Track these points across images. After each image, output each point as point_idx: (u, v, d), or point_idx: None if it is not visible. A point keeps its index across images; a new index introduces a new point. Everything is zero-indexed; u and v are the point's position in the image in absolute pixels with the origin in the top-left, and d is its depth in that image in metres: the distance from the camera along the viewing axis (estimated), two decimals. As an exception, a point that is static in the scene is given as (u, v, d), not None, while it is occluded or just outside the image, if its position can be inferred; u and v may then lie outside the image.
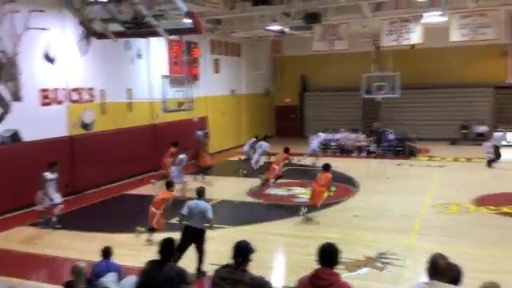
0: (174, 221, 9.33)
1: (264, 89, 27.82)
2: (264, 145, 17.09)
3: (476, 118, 23.87)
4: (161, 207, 9.79)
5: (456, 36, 17.29)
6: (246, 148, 18.39)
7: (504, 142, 18.18)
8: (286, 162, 14.97)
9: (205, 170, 16.48)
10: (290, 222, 11.51)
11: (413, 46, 20.00)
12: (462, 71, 23.93)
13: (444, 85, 24.42)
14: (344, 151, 21.74)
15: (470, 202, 12.60)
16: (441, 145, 22.86)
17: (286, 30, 21.71)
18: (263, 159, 16.96)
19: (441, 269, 3.76)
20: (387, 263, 8.54)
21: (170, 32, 10.24)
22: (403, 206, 12.62)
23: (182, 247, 7.55)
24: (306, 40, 21.38)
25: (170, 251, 4.74)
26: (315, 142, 19.85)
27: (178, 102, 16.81)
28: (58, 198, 11.21)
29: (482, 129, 23.13)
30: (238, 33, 22.28)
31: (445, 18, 18.25)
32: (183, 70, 19.00)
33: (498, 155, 17.61)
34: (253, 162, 16.77)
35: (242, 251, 4.23)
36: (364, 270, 8.28)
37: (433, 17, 18.24)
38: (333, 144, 22.06)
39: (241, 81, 25.27)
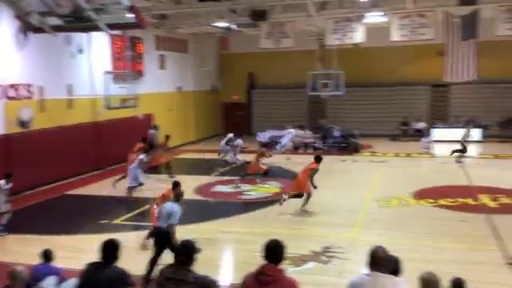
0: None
1: (211, 86, 27.68)
2: (239, 141, 17.56)
3: (415, 114, 24.89)
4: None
5: (396, 36, 17.93)
6: (222, 144, 18.34)
7: (468, 138, 18.78)
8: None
9: (168, 169, 16.19)
10: (237, 219, 11.54)
11: (356, 44, 20.53)
12: (402, 70, 24.91)
13: (385, 83, 25.31)
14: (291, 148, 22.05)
15: (410, 196, 13.12)
16: (382, 141, 23.69)
17: (233, 26, 21.71)
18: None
19: (380, 260, 3.89)
20: (332, 257, 8.74)
21: (112, 27, 9.95)
22: (348, 200, 12.97)
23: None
24: (253, 37, 21.46)
25: (112, 253, 4.60)
26: (286, 137, 20.02)
27: (121, 99, 16.38)
28: (6, 206, 10.63)
29: (420, 125, 24.17)
30: (185, 29, 22.00)
31: (386, 19, 18.92)
32: (127, 65, 18.52)
33: (464, 149, 18.27)
34: (229, 159, 17.49)
35: (186, 250, 4.18)
36: (310, 265, 8.43)
37: (375, 17, 18.85)
38: (280, 141, 22.32)
39: (188, 77, 25.00)
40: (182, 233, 7.73)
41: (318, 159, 11.88)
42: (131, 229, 10.76)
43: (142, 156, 13.68)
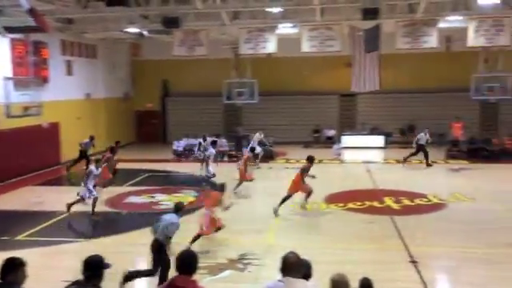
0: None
1: (123, 93, 26.80)
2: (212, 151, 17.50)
3: (326, 122, 25.98)
4: (211, 208, 9.88)
5: (306, 47, 18.62)
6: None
7: (423, 142, 19.51)
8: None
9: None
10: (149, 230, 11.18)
11: (269, 54, 21.02)
12: (313, 80, 25.88)
13: (298, 92, 26.13)
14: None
15: (322, 201, 13.60)
16: (296, 148, 24.38)
17: (145, 32, 21.23)
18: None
19: (292, 265, 3.96)
20: (248, 264, 8.79)
21: (12, 30, 9.25)
22: (263, 207, 13.11)
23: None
24: (167, 44, 21.15)
25: (13, 273, 4.21)
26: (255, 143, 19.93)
27: (23, 107, 15.30)
28: None
29: (331, 133, 25.28)
30: (93, 34, 21.12)
31: (296, 30, 19.59)
32: (30, 71, 17.34)
33: (425, 154, 19.16)
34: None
35: (93, 266, 3.96)
36: (226, 273, 8.41)
37: (286, 28, 19.44)
38: (195, 150, 22.10)
39: (98, 84, 23.98)
40: (90, 247, 7.35)
41: (310, 159, 12.69)
42: (36, 245, 10.02)
43: (92, 167, 12.74)
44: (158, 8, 17.02)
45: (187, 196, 14.48)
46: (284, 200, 12.16)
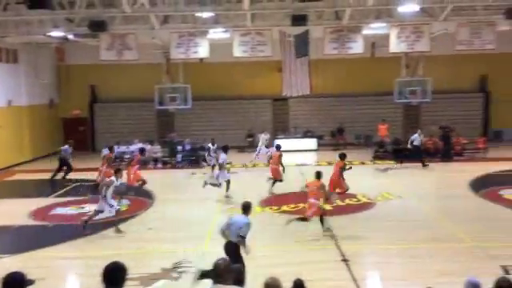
0: None
1: (48, 99, 25.52)
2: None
3: (260, 127, 26.21)
4: (320, 197, 10.56)
5: (238, 52, 18.74)
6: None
7: (417, 143, 19.89)
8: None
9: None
10: (80, 242, 10.71)
11: (201, 59, 20.92)
12: (247, 84, 26.06)
13: (232, 97, 26.21)
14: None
15: (257, 204, 13.66)
16: (230, 152, 24.33)
17: (70, 36, 20.36)
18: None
19: (222, 272, 3.94)
20: (183, 272, 8.65)
21: None
22: (198, 213, 13.00)
23: None
24: (94, 48, 20.40)
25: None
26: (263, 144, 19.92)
27: None
28: None
29: (266, 137, 25.52)
30: (14, 37, 19.95)
31: (228, 35, 19.66)
32: None
33: (420, 155, 19.48)
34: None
35: (13, 284, 3.70)
36: (160, 283, 8.22)
37: (217, 33, 19.44)
38: (127, 157, 21.48)
39: (20, 90, 22.65)
40: (12, 263, 6.90)
41: (343, 156, 13.21)
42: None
43: (113, 178, 11.47)
44: (84, 11, 16.41)
45: (120, 205, 14.00)
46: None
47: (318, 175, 11.05)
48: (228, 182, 14.66)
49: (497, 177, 17.21)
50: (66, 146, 18.05)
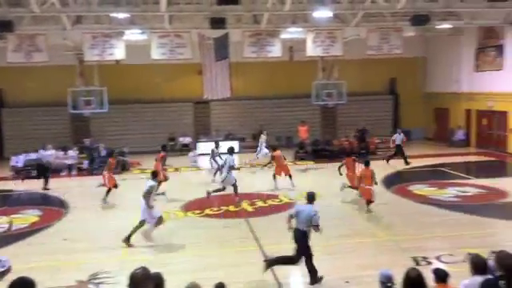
0: None
1: None
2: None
3: (181, 130, 25.90)
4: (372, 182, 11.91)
5: (156, 54, 18.37)
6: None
7: (399, 142, 20.04)
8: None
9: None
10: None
11: (118, 61, 20.22)
12: (167, 87, 25.60)
13: (152, 100, 25.61)
14: (52, 171, 20.16)
15: (179, 209, 13.48)
16: (151, 157, 23.72)
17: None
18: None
19: (138, 281, 3.80)
20: (100, 283, 8.27)
21: None
22: (117, 222, 12.49)
23: None
24: (0, 50, 18.99)
25: None
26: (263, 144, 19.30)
27: None
28: None
29: (187, 140, 25.28)
30: None
31: (145, 37, 19.20)
32: None
33: (402, 153, 19.75)
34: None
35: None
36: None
37: (134, 35, 18.92)
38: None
39: None
40: None
41: (367, 163, 12.97)
42: None
43: (152, 182, 10.69)
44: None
45: (29, 216, 13.13)
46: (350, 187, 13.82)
47: (367, 163, 12.83)
48: (235, 185, 14.08)
49: (406, 173, 18.35)
50: (50, 149, 17.06)
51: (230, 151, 14.49)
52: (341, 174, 14.84)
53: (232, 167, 14.12)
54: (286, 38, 21.16)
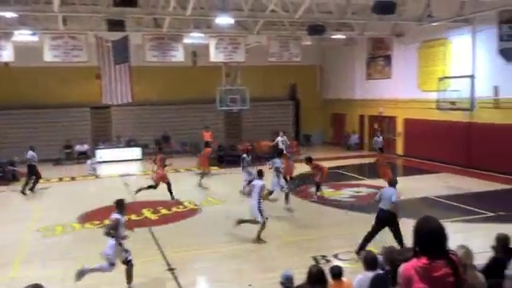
0: None
1: None
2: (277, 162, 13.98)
3: (78, 137, 24.54)
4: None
5: (49, 56, 17.26)
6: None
7: (379, 145, 20.01)
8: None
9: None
10: None
11: (6, 63, 18.68)
12: (63, 91, 24.16)
13: (45, 105, 23.99)
14: None
15: (75, 221, 12.73)
16: (45, 166, 22.23)
17: None
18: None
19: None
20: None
21: None
22: (3, 235, 11.48)
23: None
24: None
25: None
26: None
27: None
28: None
29: (84, 147, 24.03)
30: None
31: (36, 38, 17.95)
32: None
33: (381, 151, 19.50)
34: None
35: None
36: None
37: (24, 35, 17.61)
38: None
39: None
40: None
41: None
42: None
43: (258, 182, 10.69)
44: None
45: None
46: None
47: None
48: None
49: (307, 176, 19.07)
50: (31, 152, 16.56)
51: (279, 155, 14.67)
52: None
53: (277, 169, 13.73)
54: (189, 42, 21.04)
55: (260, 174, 11.08)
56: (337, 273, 5.48)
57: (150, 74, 24.62)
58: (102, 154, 23.78)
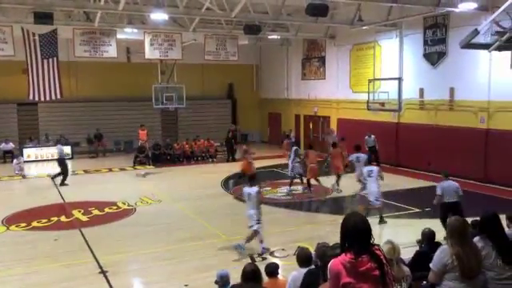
0: None
1: None
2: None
3: (3, 135, 23.14)
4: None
5: (-31, 49, 16.11)
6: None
7: (371, 144, 18.91)
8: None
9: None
10: None
11: None
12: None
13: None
14: None
15: (0, 224, 12.03)
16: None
17: None
18: None
19: None
20: None
21: None
22: None
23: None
24: None
25: None
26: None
27: None
28: None
29: (9, 146, 22.70)
30: None
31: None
32: None
33: (376, 158, 17.82)
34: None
35: None
36: None
37: None
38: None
39: None
40: None
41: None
42: None
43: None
44: None
45: None
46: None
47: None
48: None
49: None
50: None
51: (357, 148, 14.46)
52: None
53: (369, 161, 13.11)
54: (123, 38, 20.44)
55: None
56: (271, 270, 5.56)
57: (82, 70, 23.71)
58: (30, 152, 22.60)
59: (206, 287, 7.60)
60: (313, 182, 15.00)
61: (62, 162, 17.18)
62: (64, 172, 17.01)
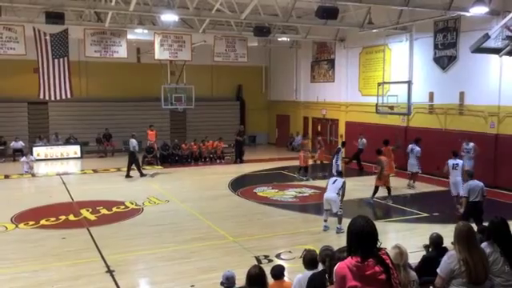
0: None
1: None
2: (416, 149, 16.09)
3: (13, 133, 23.35)
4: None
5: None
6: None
7: (361, 146, 20.14)
8: None
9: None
10: None
11: None
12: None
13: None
14: None
15: (9, 221, 12.13)
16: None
17: None
18: None
19: None
20: None
21: None
22: None
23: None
24: None
25: None
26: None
27: None
28: None
29: (19, 144, 22.90)
30: None
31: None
32: None
33: (358, 157, 20.16)
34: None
35: None
36: None
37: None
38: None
39: None
40: None
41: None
42: None
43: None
44: None
45: None
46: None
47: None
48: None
49: (252, 177, 19.24)
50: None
51: (417, 141, 16.24)
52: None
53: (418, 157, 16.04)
54: (133, 38, 20.57)
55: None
56: (277, 273, 5.56)
57: (93, 70, 23.88)
58: (40, 151, 22.80)
59: (212, 288, 7.64)
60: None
61: (132, 155, 18.35)
62: (136, 165, 18.39)
